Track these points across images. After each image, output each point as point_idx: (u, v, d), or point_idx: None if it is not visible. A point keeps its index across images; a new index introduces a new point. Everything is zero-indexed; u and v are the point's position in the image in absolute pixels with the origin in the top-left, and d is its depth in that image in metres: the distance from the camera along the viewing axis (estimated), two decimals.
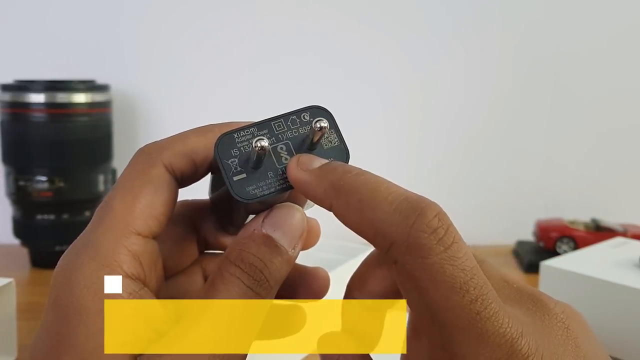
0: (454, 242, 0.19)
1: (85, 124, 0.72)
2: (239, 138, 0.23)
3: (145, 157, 0.23)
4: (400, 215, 0.20)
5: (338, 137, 0.24)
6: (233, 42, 0.85)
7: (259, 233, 0.22)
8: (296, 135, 0.24)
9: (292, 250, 0.23)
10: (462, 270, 0.19)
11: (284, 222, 0.23)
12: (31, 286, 0.69)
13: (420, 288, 0.19)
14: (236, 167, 0.23)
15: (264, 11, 0.85)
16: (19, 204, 0.72)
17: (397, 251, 0.20)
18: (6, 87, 0.71)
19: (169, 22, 0.85)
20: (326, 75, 0.86)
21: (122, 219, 0.22)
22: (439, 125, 0.89)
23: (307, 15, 0.85)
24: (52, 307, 0.21)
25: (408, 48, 0.87)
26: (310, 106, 0.24)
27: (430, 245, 0.19)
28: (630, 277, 0.52)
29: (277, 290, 0.23)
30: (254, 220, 0.23)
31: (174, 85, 0.86)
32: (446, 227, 0.19)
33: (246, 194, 0.23)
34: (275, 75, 0.86)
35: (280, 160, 0.23)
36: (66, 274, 0.21)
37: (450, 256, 0.19)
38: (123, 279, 0.21)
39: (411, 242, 0.19)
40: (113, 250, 0.21)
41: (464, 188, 0.90)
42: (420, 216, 0.19)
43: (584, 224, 0.79)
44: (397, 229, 0.20)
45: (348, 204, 0.21)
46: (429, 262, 0.19)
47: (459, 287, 0.19)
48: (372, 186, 0.21)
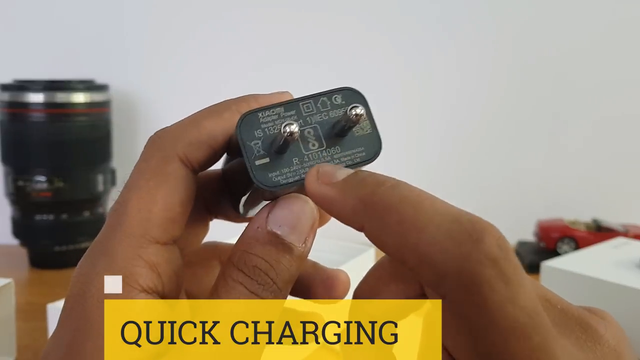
0: (515, 274, 0.16)
1: (84, 123, 0.71)
2: (264, 118, 0.21)
3: (159, 151, 0.21)
4: (453, 242, 0.17)
5: (371, 124, 0.22)
6: (234, 42, 0.85)
7: (263, 231, 0.20)
8: (326, 119, 0.21)
9: (302, 245, 0.21)
10: (524, 310, 0.16)
11: (291, 216, 0.20)
12: (30, 286, 0.69)
13: (475, 331, 0.16)
14: (259, 150, 0.21)
15: (265, 14, 0.85)
16: (18, 204, 0.72)
17: (448, 286, 0.17)
18: (5, 86, 0.71)
19: (169, 22, 0.85)
20: (326, 77, 0.86)
21: (139, 226, 0.20)
22: (439, 126, 0.89)
23: (306, 19, 0.85)
24: (66, 318, 0.20)
25: (406, 48, 0.87)
26: (343, 88, 0.22)
27: (490, 282, 0.16)
28: (632, 278, 0.52)
29: (289, 289, 0.21)
30: (258, 215, 0.21)
31: (173, 84, 0.86)
32: (506, 257, 0.16)
33: (268, 180, 0.20)
34: (275, 75, 0.86)
35: (307, 146, 0.21)
36: (81, 286, 0.20)
37: (513, 294, 0.16)
38: (138, 293, 0.20)
39: (466, 276, 0.16)
40: (129, 261, 0.20)
41: (464, 188, 0.89)
42: (477, 243, 0.16)
43: (585, 224, 0.79)
44: (449, 259, 0.16)
45: (384, 225, 0.18)
46: (489, 303, 0.16)
47: (521, 332, 0.16)
48: (414, 203, 0.18)
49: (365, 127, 0.22)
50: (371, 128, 0.22)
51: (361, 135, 0.22)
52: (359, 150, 0.22)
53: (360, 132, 0.22)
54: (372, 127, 0.22)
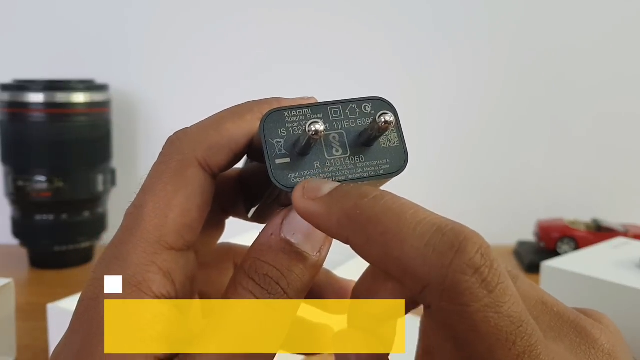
0: (499, 282, 0.16)
1: (84, 123, 0.71)
2: (290, 117, 0.20)
3: (178, 154, 0.21)
4: (434, 252, 0.17)
5: (399, 137, 0.21)
6: (235, 44, 0.85)
7: (277, 238, 0.20)
8: (353, 126, 0.21)
9: (316, 254, 0.20)
10: (508, 318, 0.16)
11: (305, 223, 0.20)
12: (30, 286, 0.69)
13: (458, 340, 0.17)
14: (281, 149, 0.20)
15: (266, 15, 0.85)
16: (18, 204, 0.72)
17: (431, 296, 0.17)
18: (5, 86, 0.71)
19: (169, 22, 0.85)
20: (327, 79, 0.86)
21: (154, 231, 0.20)
22: (438, 126, 0.89)
23: (306, 19, 0.85)
24: (78, 320, 0.20)
25: (405, 47, 0.87)
26: (373, 97, 0.22)
27: (472, 290, 0.16)
28: (632, 278, 0.52)
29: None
30: (272, 221, 0.20)
31: (173, 85, 0.86)
32: (490, 264, 0.16)
33: (287, 180, 0.20)
34: (275, 76, 0.86)
35: (331, 151, 0.21)
36: (94, 289, 0.20)
37: (495, 302, 0.16)
38: (151, 299, 0.20)
39: (448, 286, 0.16)
40: (143, 267, 0.20)
41: (464, 188, 0.89)
42: (459, 253, 0.16)
43: (585, 224, 0.79)
44: (431, 270, 0.16)
45: (368, 238, 0.18)
46: (471, 311, 0.16)
47: (505, 339, 0.16)
48: (396, 213, 0.18)
49: (392, 139, 0.21)
50: (399, 141, 0.21)
51: (387, 147, 0.21)
52: (384, 162, 0.21)
53: (387, 143, 0.21)
54: (400, 139, 0.21)
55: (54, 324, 0.47)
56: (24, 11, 0.83)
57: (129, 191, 0.23)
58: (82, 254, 0.75)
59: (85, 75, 0.78)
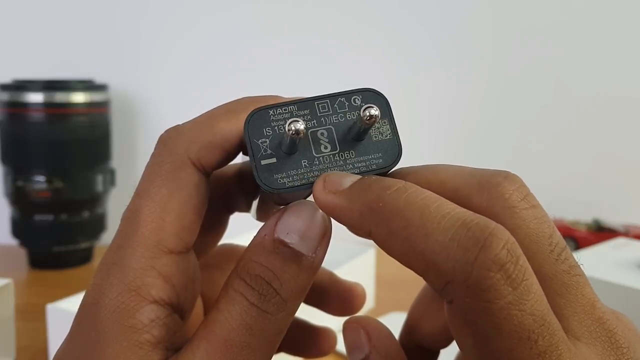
0: (523, 279, 0.16)
1: (83, 123, 0.71)
2: (275, 116, 0.20)
3: (171, 155, 0.21)
4: (459, 247, 0.16)
5: (391, 129, 0.20)
6: (232, 41, 0.85)
7: (270, 238, 0.19)
8: (342, 121, 0.20)
9: (312, 255, 0.19)
10: (531, 316, 0.16)
11: (301, 223, 0.19)
12: (29, 287, 0.69)
13: (480, 336, 0.16)
14: (266, 149, 0.19)
15: (262, 11, 0.85)
16: (17, 204, 0.72)
17: (455, 291, 0.16)
18: (4, 86, 0.71)
19: (168, 22, 0.85)
20: (324, 74, 0.86)
21: (151, 235, 0.20)
22: (437, 125, 0.89)
23: (304, 16, 0.85)
24: (78, 326, 0.20)
25: (405, 48, 0.87)
26: (363, 89, 0.20)
27: (496, 287, 0.16)
28: (632, 278, 0.52)
29: (297, 303, 0.20)
30: (267, 223, 0.20)
31: (173, 84, 0.86)
32: (515, 261, 0.16)
33: (273, 182, 0.19)
34: (274, 75, 0.85)
35: (319, 148, 0.20)
36: (95, 295, 0.20)
37: (519, 299, 0.16)
38: (148, 304, 0.19)
39: (473, 282, 0.16)
40: (142, 272, 0.19)
41: None
42: (484, 249, 0.16)
43: (586, 225, 0.79)
44: (455, 265, 0.16)
45: (390, 231, 0.17)
46: (494, 308, 0.16)
47: (527, 338, 0.16)
48: (419, 207, 0.17)
49: (384, 132, 0.20)
50: (391, 133, 0.20)
51: (380, 140, 0.20)
52: (376, 156, 0.20)
53: (379, 137, 0.20)
54: (393, 132, 0.20)
55: (53, 324, 0.47)
56: (24, 11, 0.83)
57: (129, 191, 0.23)
58: (82, 254, 0.74)
59: (85, 75, 0.78)
